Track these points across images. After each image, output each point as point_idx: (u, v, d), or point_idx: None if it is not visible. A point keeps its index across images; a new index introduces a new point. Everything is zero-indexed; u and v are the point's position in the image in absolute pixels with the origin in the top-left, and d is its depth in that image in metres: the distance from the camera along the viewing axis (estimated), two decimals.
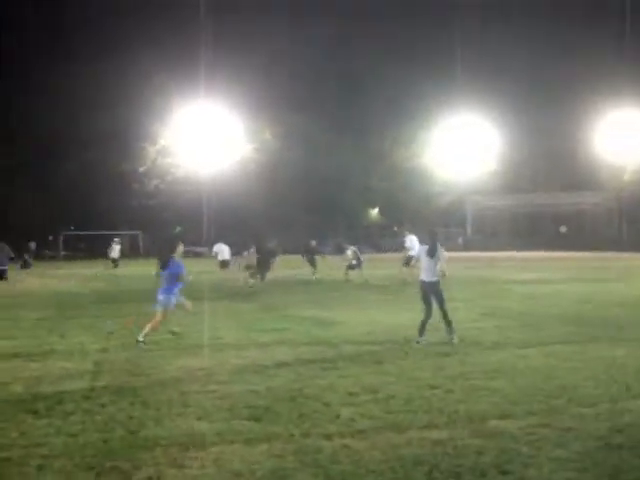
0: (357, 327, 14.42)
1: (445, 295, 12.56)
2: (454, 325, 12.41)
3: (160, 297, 12.90)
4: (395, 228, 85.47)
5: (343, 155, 74.61)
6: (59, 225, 70.26)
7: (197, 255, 63.63)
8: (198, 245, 67.01)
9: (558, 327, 14.15)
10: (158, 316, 12.84)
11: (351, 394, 8.54)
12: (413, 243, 24.58)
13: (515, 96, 70.56)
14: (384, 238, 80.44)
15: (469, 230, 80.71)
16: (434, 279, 12.51)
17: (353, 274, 27.57)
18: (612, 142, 70.53)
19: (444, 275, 12.63)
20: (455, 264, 42.02)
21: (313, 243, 31.43)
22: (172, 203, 69.83)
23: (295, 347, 12.09)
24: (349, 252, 28.62)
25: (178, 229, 76.39)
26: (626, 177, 71.63)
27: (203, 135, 68.81)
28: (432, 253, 12.58)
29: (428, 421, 7.38)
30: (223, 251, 32.87)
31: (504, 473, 5.84)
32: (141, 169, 70.16)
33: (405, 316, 15.74)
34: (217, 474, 5.92)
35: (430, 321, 12.39)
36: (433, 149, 77.37)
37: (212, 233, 69.15)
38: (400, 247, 29.41)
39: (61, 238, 69.31)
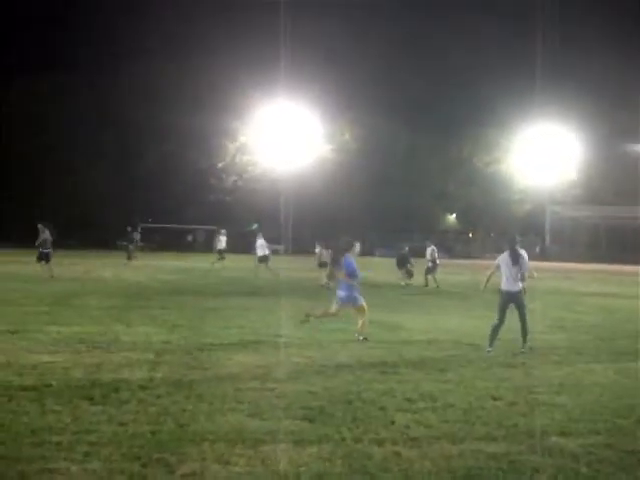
0: (422, 333, 14.19)
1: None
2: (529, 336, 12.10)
3: (341, 294, 13.18)
4: (470, 234, 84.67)
5: (422, 159, 74.16)
6: (137, 216, 71.50)
7: (274, 252, 64.13)
8: (275, 243, 67.45)
9: (632, 343, 13.64)
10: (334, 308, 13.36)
11: (409, 400, 8.35)
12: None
13: (600, 106, 69.09)
14: (458, 243, 79.74)
15: (547, 240, 79.32)
16: (516, 288, 12.20)
17: (420, 279, 27.32)
18: None
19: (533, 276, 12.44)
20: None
21: (406, 249, 29.73)
22: (249, 200, 70.29)
23: (357, 350, 11.93)
24: (428, 250, 28.27)
25: (255, 226, 76.99)
26: None
27: (282, 134, 69.10)
28: (515, 260, 12.23)
29: (485, 433, 7.14)
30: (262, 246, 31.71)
31: None
32: (220, 165, 70.86)
33: (471, 323, 15.47)
34: (262, 473, 5.81)
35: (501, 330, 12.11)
36: (513, 156, 76.29)
37: (289, 231, 69.44)
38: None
39: (139, 229, 70.38)
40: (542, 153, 75.02)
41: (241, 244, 62.79)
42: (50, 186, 65.62)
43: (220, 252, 37.81)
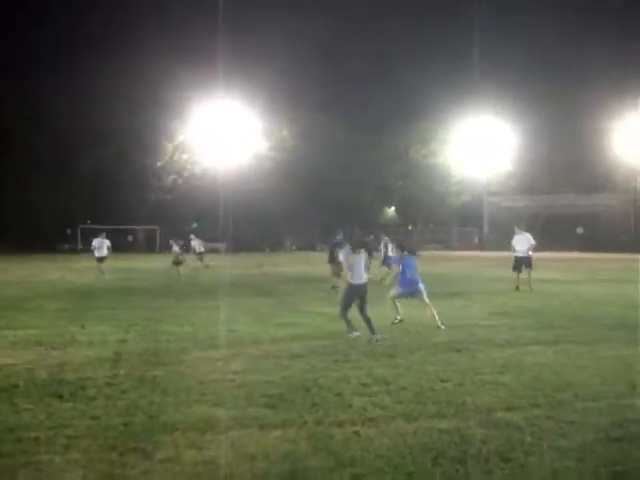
0: (372, 321, 14.64)
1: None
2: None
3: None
4: (409, 227, 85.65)
5: (360, 154, 74.82)
6: (77, 219, 71.07)
7: (214, 251, 64.22)
8: (215, 241, 67.59)
9: (570, 326, 14.33)
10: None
11: (363, 385, 8.83)
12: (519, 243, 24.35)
13: (533, 97, 70.58)
14: (398, 236, 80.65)
15: (486, 230, 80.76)
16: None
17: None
18: (629, 144, 70.32)
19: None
20: (471, 263, 42.36)
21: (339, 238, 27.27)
22: (189, 198, 70.40)
23: (310, 341, 12.38)
24: (382, 243, 27.98)
25: (195, 225, 77.05)
26: None
27: (221, 132, 69.12)
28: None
29: (436, 412, 7.66)
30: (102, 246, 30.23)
31: (507, 460, 6.12)
32: (159, 164, 70.71)
33: (419, 311, 16.01)
34: (233, 456, 6.24)
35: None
36: (450, 148, 77.45)
37: (230, 229, 69.56)
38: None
39: (79, 232, 69.96)
40: (479, 145, 76.26)
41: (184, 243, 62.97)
42: None
43: (200, 254, 37.41)
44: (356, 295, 12.85)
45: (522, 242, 23.88)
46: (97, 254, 30.04)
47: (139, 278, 30.04)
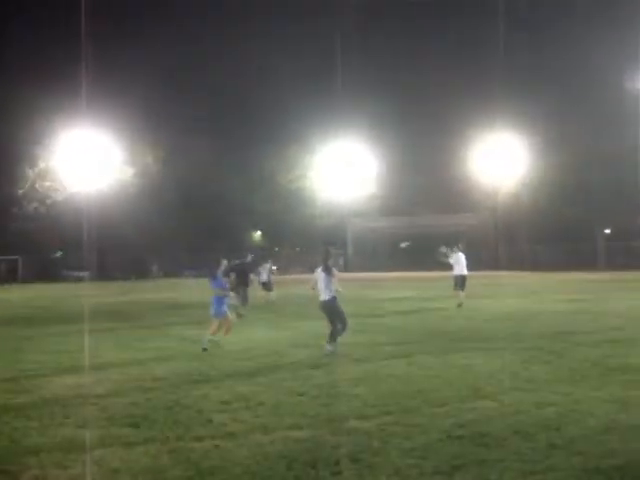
0: (235, 344, 15.00)
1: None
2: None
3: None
4: (276, 249, 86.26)
5: (226, 177, 75.02)
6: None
7: (78, 280, 63.04)
8: (79, 269, 66.40)
9: (424, 340, 15.18)
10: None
11: (224, 402, 9.21)
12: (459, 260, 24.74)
13: (393, 120, 72.33)
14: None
15: (350, 251, 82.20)
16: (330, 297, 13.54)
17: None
18: (487, 165, 73.28)
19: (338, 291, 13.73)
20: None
21: (249, 257, 26.36)
22: (52, 227, 68.76)
23: (173, 363, 12.64)
24: (266, 266, 28.28)
25: (59, 253, 75.31)
26: (500, 198, 74.68)
27: (83, 158, 67.89)
28: (328, 271, 13.64)
29: (293, 423, 8.11)
30: None
31: (355, 461, 6.64)
32: (20, 192, 68.82)
33: (282, 333, 16.52)
34: (98, 472, 6.51)
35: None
36: (315, 173, 78.74)
37: (94, 257, 68.34)
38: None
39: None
40: (343, 168, 77.79)
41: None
42: None
43: None
44: (322, 311, 13.70)
45: (460, 262, 24.56)
46: None
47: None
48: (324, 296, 13.53)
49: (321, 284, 13.62)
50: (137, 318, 23.23)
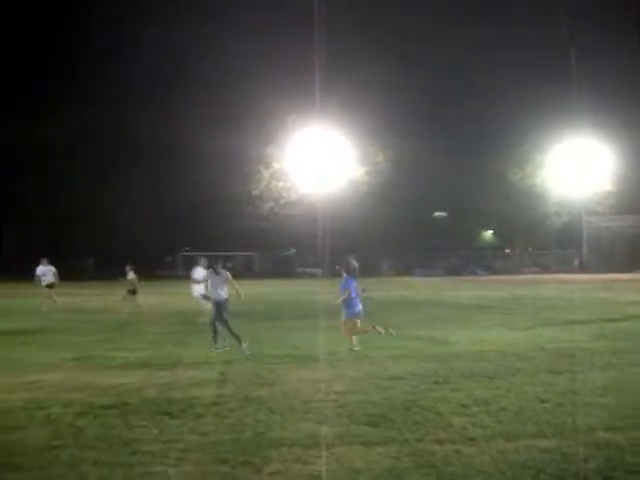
0: (468, 345, 14.75)
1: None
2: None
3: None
4: (507, 250, 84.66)
5: (456, 177, 74.35)
6: (176, 246, 72.84)
7: (312, 276, 64.87)
8: (313, 266, 68.40)
9: None
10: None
11: (463, 405, 8.98)
12: None
13: (631, 115, 68.88)
14: (496, 260, 79.75)
15: (585, 251, 79.00)
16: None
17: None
18: None
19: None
20: (571, 285, 41.66)
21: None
22: (286, 225, 71.00)
23: (409, 363, 12.54)
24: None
25: (292, 251, 77.92)
26: None
27: (316, 158, 69.57)
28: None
29: (537, 431, 7.76)
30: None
31: (607, 479, 6.20)
32: (255, 192, 71.48)
33: (516, 335, 16.01)
34: (339, 470, 6.50)
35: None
36: (548, 170, 76.44)
37: (327, 255, 69.94)
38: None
39: (179, 259, 71.63)
40: (577, 165, 75.07)
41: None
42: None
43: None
44: None
45: None
46: (44, 282, 27.51)
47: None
48: None
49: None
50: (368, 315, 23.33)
